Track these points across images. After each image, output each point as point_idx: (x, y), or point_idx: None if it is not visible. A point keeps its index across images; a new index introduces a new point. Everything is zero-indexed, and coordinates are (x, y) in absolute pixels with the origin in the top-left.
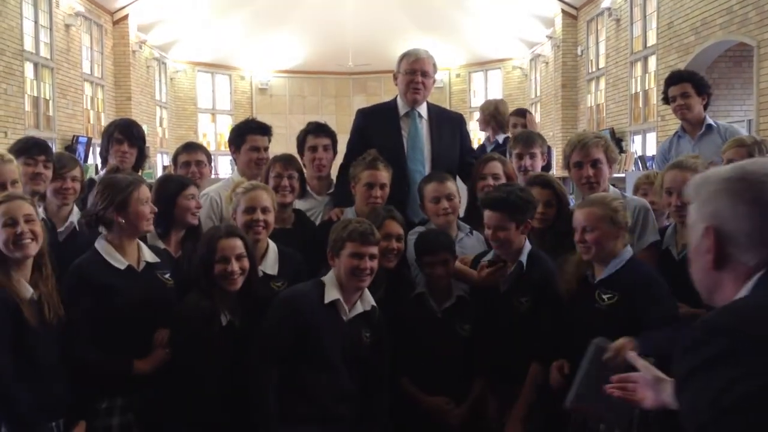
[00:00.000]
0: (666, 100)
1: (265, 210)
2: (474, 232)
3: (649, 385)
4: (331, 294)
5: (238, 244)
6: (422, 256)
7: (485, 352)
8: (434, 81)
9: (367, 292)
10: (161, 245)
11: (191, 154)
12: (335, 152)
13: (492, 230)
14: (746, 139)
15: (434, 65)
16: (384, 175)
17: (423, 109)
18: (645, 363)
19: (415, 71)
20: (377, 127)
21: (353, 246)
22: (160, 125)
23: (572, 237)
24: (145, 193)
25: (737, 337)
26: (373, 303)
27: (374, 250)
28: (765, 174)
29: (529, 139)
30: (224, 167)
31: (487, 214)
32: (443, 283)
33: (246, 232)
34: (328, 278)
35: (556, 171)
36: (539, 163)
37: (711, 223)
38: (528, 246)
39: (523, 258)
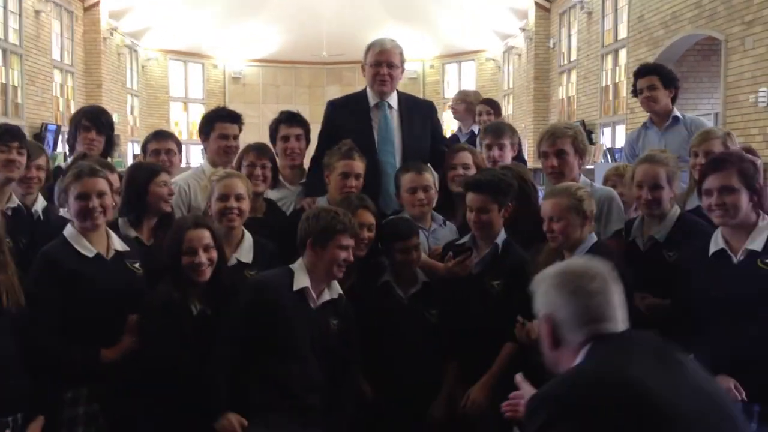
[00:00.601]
0: (635, 92)
1: (239, 197)
2: (447, 222)
3: None
4: (301, 281)
5: (205, 235)
6: (394, 243)
7: (455, 337)
8: (402, 70)
9: (334, 280)
10: (133, 233)
11: (161, 143)
12: (308, 142)
13: (475, 212)
14: (717, 131)
15: (401, 54)
16: (359, 165)
17: (393, 99)
18: (528, 386)
19: (380, 63)
20: (347, 119)
21: (344, 238)
22: (132, 113)
23: (540, 228)
24: (89, 186)
25: (556, 409)
26: (340, 291)
27: (353, 242)
28: (582, 268)
29: (499, 130)
30: (197, 157)
31: (470, 196)
32: (410, 269)
33: (220, 219)
34: (297, 266)
35: (530, 162)
36: (508, 154)
37: (547, 312)
38: (503, 231)
39: (499, 240)
